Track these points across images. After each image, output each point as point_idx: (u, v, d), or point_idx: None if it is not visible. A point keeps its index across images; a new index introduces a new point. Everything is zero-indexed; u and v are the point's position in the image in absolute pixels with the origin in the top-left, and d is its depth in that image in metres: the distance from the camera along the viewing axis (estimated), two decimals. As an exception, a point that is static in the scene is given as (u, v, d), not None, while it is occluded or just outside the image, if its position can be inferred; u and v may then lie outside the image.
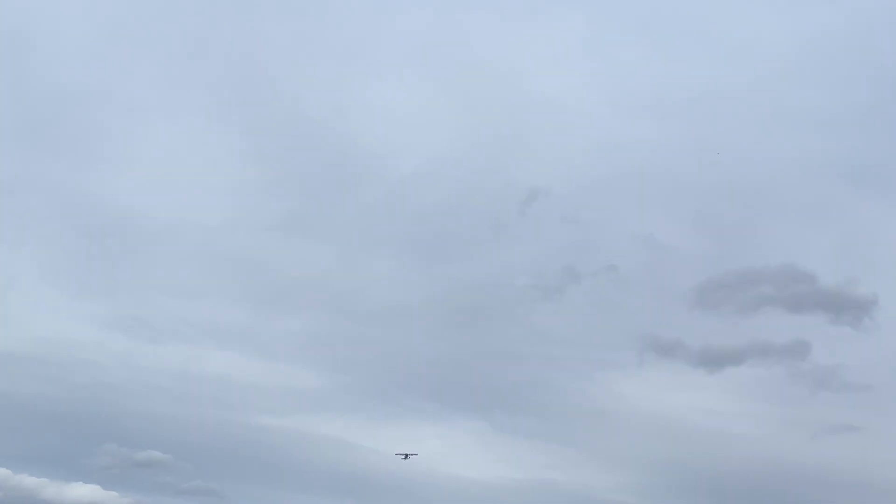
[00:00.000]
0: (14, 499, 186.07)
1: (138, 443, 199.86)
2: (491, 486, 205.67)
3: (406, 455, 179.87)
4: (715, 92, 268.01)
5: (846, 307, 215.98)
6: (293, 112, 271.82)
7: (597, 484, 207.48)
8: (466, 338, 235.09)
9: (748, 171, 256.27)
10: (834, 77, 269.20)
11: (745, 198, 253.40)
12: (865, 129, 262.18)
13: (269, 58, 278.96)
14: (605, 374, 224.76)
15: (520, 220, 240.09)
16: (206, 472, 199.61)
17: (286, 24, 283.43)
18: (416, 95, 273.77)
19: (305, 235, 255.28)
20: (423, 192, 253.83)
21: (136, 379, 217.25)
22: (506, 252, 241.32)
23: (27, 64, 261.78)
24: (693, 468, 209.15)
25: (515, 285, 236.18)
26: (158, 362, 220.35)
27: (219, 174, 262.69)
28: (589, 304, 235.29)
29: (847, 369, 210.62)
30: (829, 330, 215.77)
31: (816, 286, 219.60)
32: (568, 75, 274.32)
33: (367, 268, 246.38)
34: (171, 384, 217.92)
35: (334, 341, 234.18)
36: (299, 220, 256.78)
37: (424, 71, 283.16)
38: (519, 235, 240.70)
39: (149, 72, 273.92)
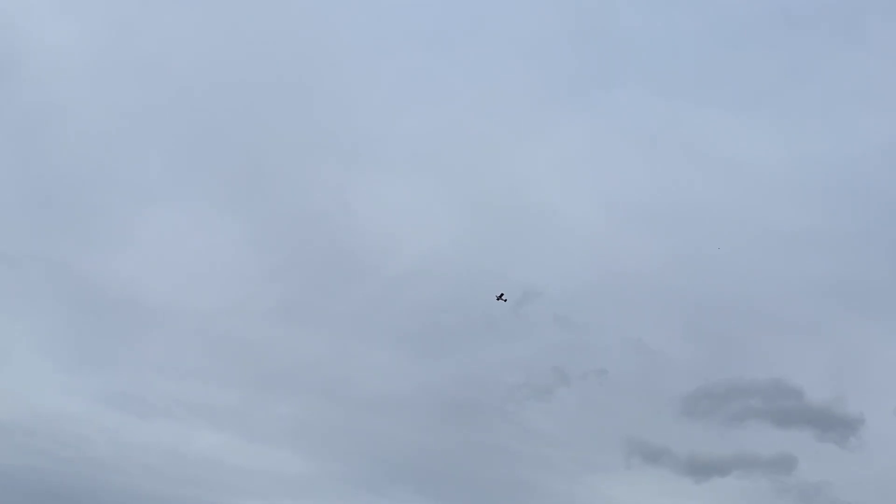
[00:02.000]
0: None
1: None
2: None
3: None
4: (707, 207, 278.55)
5: (833, 425, 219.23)
6: (296, 202, 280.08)
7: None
8: (456, 431, 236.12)
9: (739, 285, 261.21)
10: (824, 198, 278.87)
11: (736, 311, 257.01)
12: (856, 249, 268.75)
13: (275, 148, 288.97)
14: (592, 476, 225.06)
15: (513, 320, 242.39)
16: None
17: (294, 116, 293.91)
18: (418, 194, 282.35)
19: (301, 323, 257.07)
20: (420, 287, 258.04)
21: (123, 455, 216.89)
22: (498, 349, 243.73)
23: (37, 144, 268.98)
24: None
25: (506, 382, 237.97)
26: (147, 439, 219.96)
27: (219, 259, 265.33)
28: (578, 405, 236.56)
29: (832, 486, 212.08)
30: (815, 446, 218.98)
31: (804, 402, 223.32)
32: (566, 183, 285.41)
33: (361, 357, 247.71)
34: (159, 462, 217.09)
35: (324, 428, 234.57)
36: (296, 307, 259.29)
37: (428, 171, 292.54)
38: (511, 334, 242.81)
39: (156, 156, 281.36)
